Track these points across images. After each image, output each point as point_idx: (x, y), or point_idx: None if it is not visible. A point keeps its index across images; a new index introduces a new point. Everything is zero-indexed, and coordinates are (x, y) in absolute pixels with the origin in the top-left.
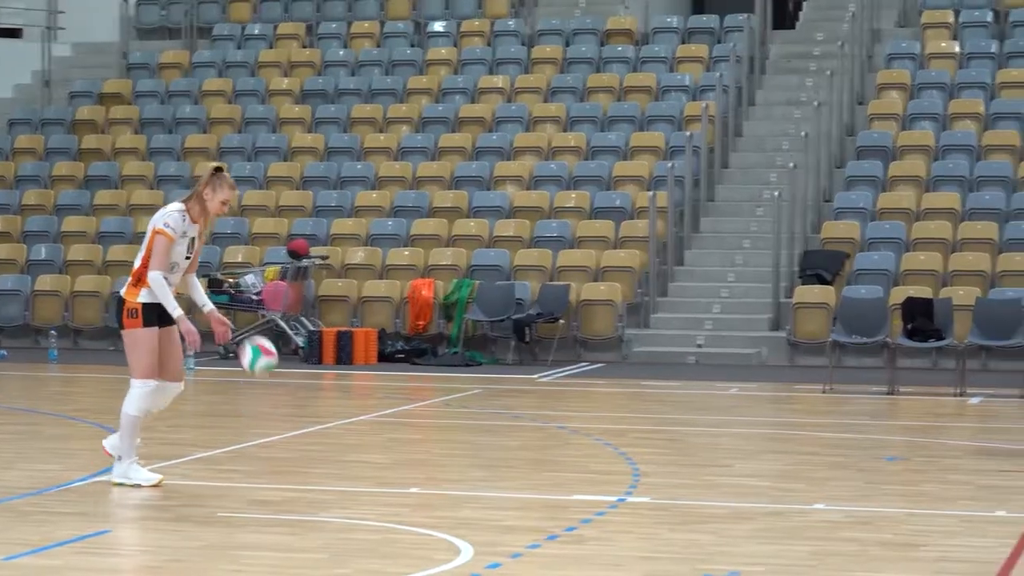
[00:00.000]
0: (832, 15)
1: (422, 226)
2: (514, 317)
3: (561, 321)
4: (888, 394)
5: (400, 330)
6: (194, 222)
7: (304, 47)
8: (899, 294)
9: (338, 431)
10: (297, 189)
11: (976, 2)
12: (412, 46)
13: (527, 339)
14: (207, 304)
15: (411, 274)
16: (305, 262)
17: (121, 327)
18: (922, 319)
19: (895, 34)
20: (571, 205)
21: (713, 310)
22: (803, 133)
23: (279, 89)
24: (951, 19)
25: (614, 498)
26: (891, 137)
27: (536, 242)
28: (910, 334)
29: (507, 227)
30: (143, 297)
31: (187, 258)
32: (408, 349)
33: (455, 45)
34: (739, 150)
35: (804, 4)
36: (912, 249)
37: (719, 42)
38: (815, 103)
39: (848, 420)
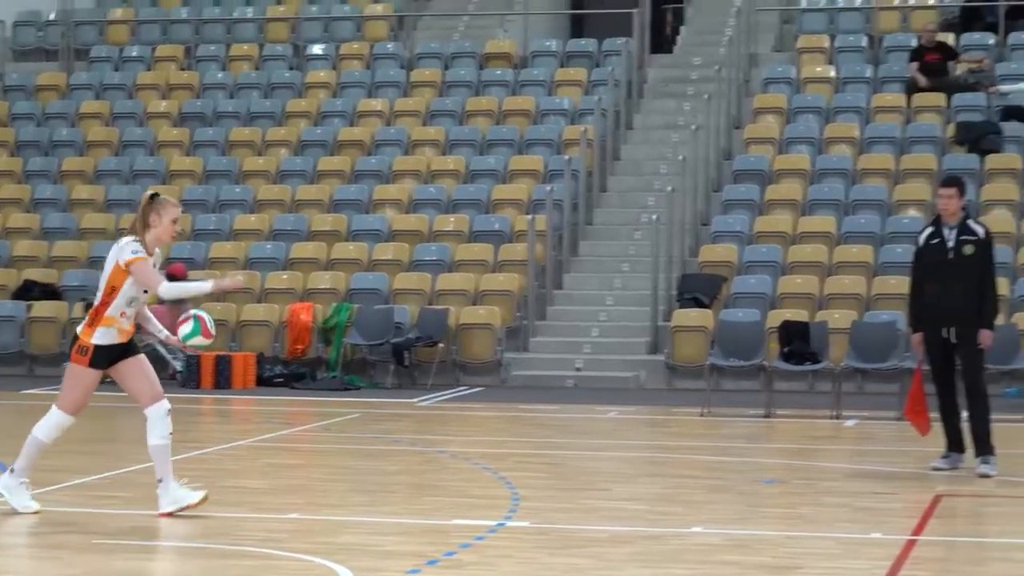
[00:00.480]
0: (709, 40)
1: (301, 250)
2: (393, 341)
3: (440, 345)
4: (765, 417)
5: (279, 354)
6: (149, 254)
7: (182, 70)
8: (776, 317)
9: (216, 456)
10: None
11: (851, 27)
12: (291, 69)
13: (406, 363)
14: (163, 331)
15: (289, 298)
16: None
17: (68, 358)
18: (798, 342)
19: (771, 59)
20: (450, 228)
21: (591, 334)
22: (681, 157)
23: (157, 112)
24: (827, 44)
25: (493, 523)
26: (768, 161)
27: (415, 266)
28: (787, 357)
29: (386, 250)
30: (98, 338)
31: (145, 291)
32: (287, 373)
33: (334, 68)
34: (617, 174)
35: (681, 29)
36: (788, 272)
37: (597, 66)
38: (692, 127)
39: (726, 443)
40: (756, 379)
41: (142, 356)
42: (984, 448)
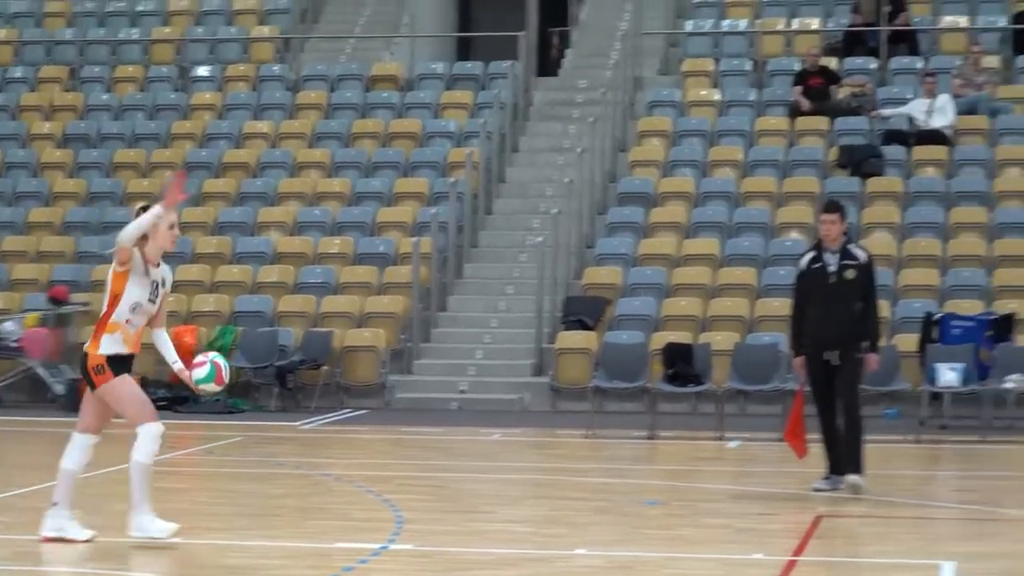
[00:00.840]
0: (595, 63)
1: (185, 272)
2: (277, 364)
3: (324, 367)
4: (649, 439)
5: (162, 377)
6: (155, 265)
7: (67, 91)
8: (660, 339)
9: (99, 480)
10: (58, 235)
11: (735, 51)
12: (176, 91)
13: (290, 386)
14: (177, 361)
15: (174, 320)
16: (66, 308)
17: (93, 387)
18: (682, 364)
19: (656, 82)
20: (335, 251)
21: (476, 356)
22: (566, 180)
23: (40, 133)
24: (711, 68)
25: (377, 545)
26: (652, 184)
27: (300, 288)
28: (670, 379)
29: (271, 273)
30: (105, 347)
31: (151, 301)
32: (170, 396)
33: (220, 90)
34: (503, 196)
35: (568, 52)
36: (672, 295)
37: (483, 89)
38: (578, 150)
39: (609, 465)
40: (640, 401)
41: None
42: (855, 465)
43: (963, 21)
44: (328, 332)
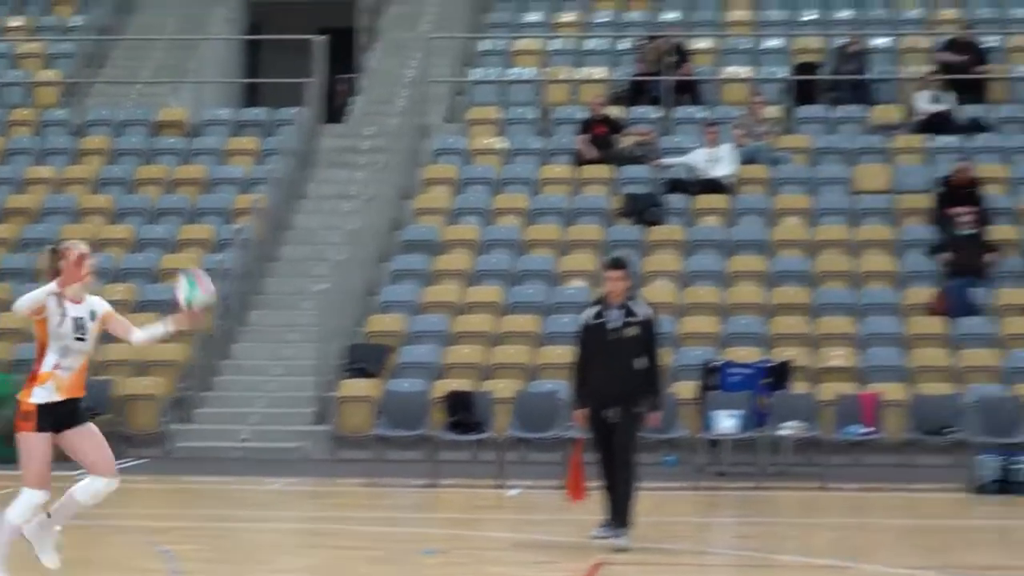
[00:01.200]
0: (381, 110)
1: None
2: None
3: (104, 416)
4: (429, 487)
5: None
6: (73, 301)
7: None
8: (442, 387)
9: None
10: None
11: (521, 100)
12: None
13: None
14: (161, 326)
15: None
16: None
17: (16, 430)
18: (464, 412)
19: (442, 129)
20: (117, 298)
21: (258, 404)
22: (352, 227)
23: None
24: (497, 116)
25: None
26: (437, 231)
27: None
28: (452, 427)
29: None
30: (36, 397)
31: (79, 339)
32: None
33: (2, 134)
34: (289, 243)
35: (354, 99)
36: (456, 342)
37: (270, 135)
38: (364, 197)
39: (389, 514)
40: (421, 449)
41: (88, 425)
42: (622, 521)
43: (745, 72)
44: (107, 380)
